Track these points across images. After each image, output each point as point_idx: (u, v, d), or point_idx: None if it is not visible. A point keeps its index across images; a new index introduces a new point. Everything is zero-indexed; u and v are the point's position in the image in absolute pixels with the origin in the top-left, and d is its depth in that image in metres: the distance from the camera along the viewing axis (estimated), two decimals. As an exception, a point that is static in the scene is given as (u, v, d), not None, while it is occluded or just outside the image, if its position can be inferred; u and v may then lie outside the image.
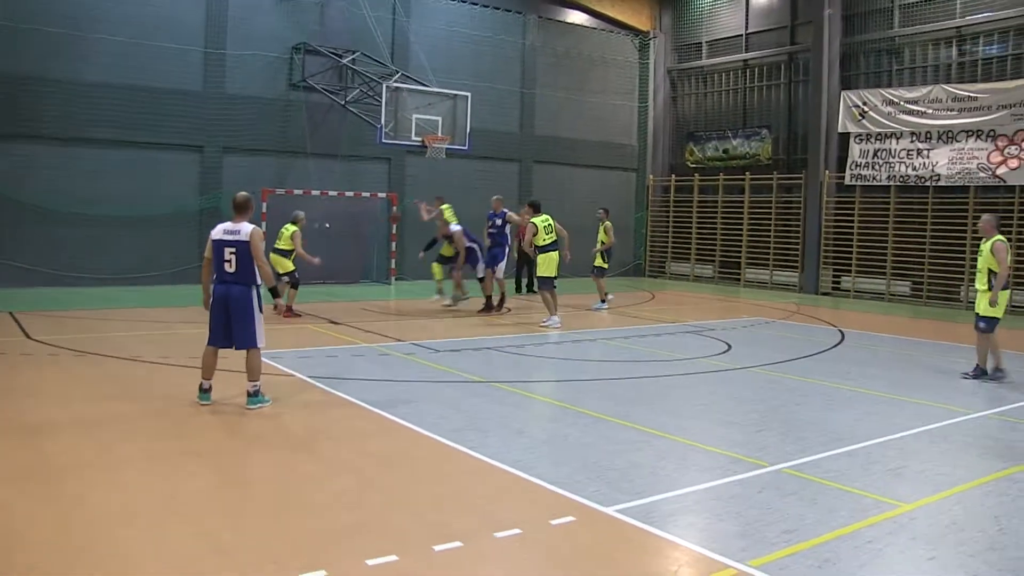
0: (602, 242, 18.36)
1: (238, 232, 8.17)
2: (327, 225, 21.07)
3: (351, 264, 21.57)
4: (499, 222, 16.61)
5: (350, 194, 21.37)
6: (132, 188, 19.13)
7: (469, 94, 19.45)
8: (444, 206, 17.06)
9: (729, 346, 13.18)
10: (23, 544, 4.83)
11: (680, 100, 28.18)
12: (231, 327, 8.14)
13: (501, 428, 7.69)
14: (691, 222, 27.09)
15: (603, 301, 17.97)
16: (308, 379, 9.50)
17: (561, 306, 18.00)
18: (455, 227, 16.55)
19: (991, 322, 10.87)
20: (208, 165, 20.11)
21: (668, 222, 27.88)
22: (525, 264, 20.54)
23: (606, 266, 18.44)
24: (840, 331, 15.36)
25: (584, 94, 26.53)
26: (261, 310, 8.26)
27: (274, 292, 8.56)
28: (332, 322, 14.30)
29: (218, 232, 8.21)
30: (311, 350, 11.55)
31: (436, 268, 17.10)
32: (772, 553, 5.00)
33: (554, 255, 15.20)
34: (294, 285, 15.05)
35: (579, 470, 6.59)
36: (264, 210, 19.86)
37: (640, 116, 28.05)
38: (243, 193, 8.43)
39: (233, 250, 8.10)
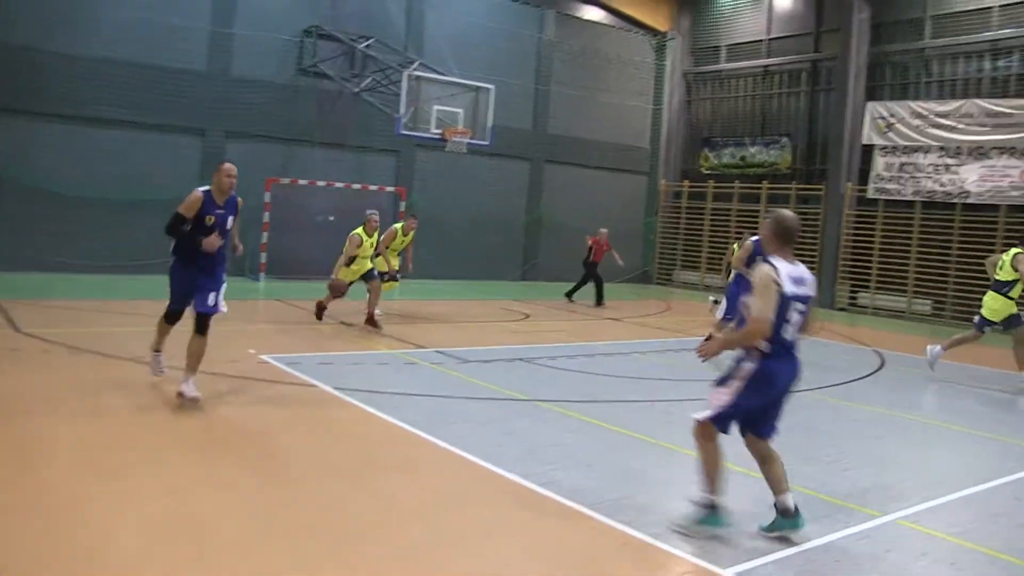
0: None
1: (807, 282, 5.42)
2: (331, 219, 20.11)
3: (354, 260, 20.63)
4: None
5: (357, 186, 20.43)
6: (129, 171, 18.04)
7: (493, 87, 18.52)
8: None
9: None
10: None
11: (696, 104, 27.38)
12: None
13: (565, 459, 6.80)
14: (703, 230, 26.29)
15: None
16: (335, 391, 8.56)
17: (576, 314, 17.23)
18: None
19: None
20: (210, 150, 19.02)
21: (679, 229, 27.07)
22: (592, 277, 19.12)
23: None
24: (877, 352, 14.58)
25: (599, 93, 25.66)
26: None
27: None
28: (345, 323, 13.36)
29: (786, 281, 5.24)
30: (331, 355, 10.63)
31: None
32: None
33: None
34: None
35: (673, 516, 5.73)
36: (268, 200, 18.90)
37: (654, 119, 27.21)
38: (792, 213, 5.63)
39: (804, 308, 5.38)
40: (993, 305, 11.86)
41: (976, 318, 12.23)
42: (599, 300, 18.69)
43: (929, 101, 21.19)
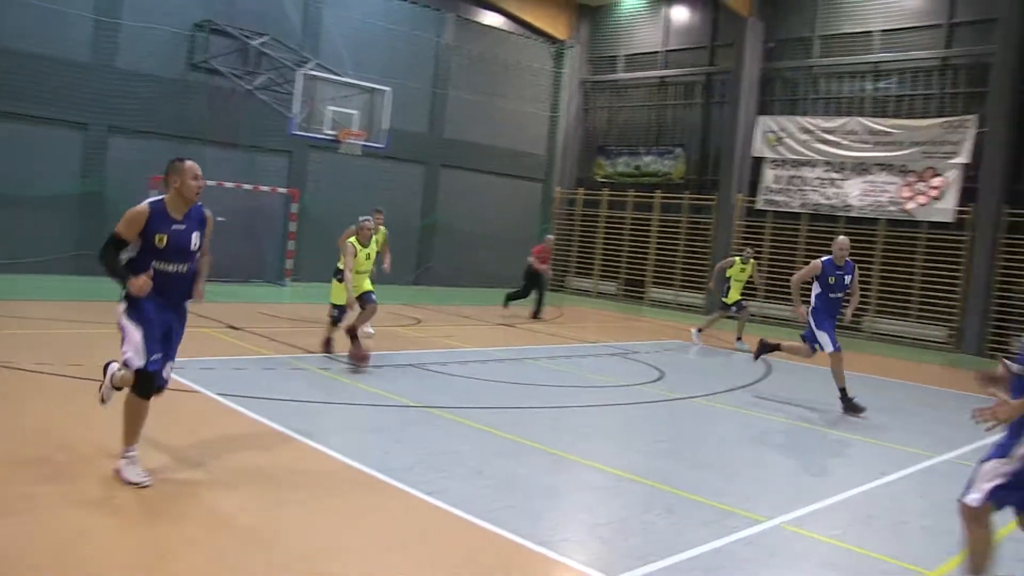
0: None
1: None
2: (220, 219, 19.49)
3: (243, 262, 20.09)
4: (847, 279, 10.99)
5: (248, 187, 19.89)
6: (4, 165, 17.15)
7: (390, 89, 18.30)
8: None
9: (661, 372, 12.51)
10: None
11: (593, 113, 27.68)
12: None
13: (455, 467, 6.70)
14: (597, 237, 26.59)
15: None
16: (218, 397, 8.26)
17: (468, 319, 17.17)
18: None
19: None
20: (92, 145, 18.24)
21: (573, 236, 27.30)
22: (535, 287, 18.57)
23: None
24: (764, 360, 14.91)
25: (496, 99, 25.66)
26: None
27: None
28: (231, 327, 12.97)
29: None
30: (213, 360, 10.25)
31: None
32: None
33: None
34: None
35: (562, 524, 5.71)
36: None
37: (551, 126, 27.38)
38: None
39: None
40: None
41: None
42: (506, 303, 18.60)
43: (816, 117, 21.91)
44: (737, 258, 16.67)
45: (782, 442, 8.86)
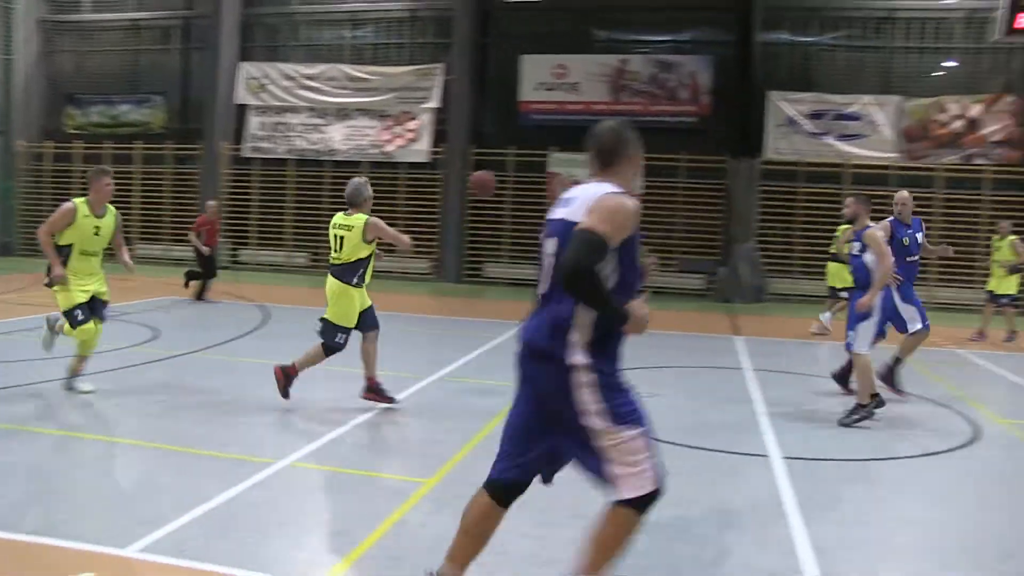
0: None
1: None
2: None
3: None
4: (919, 237, 9.13)
5: None
6: None
7: None
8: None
9: (157, 331, 11.95)
10: None
11: (57, 57, 25.13)
12: None
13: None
14: (72, 194, 24.32)
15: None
16: None
17: None
18: None
19: None
20: None
21: (44, 194, 24.73)
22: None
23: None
24: (259, 306, 14.99)
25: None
26: None
27: None
28: None
29: None
30: None
31: None
32: (347, 556, 4.44)
33: None
34: None
35: (63, 506, 5.26)
36: None
37: (6, 71, 24.35)
38: None
39: None
40: None
41: None
42: (187, 282, 16.04)
43: (298, 64, 22.27)
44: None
45: (297, 387, 8.96)
